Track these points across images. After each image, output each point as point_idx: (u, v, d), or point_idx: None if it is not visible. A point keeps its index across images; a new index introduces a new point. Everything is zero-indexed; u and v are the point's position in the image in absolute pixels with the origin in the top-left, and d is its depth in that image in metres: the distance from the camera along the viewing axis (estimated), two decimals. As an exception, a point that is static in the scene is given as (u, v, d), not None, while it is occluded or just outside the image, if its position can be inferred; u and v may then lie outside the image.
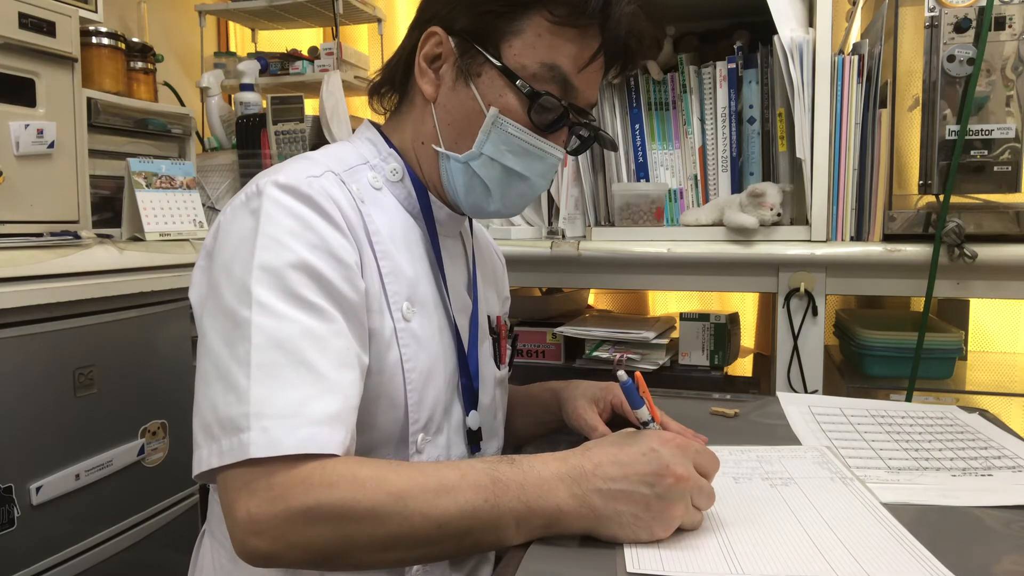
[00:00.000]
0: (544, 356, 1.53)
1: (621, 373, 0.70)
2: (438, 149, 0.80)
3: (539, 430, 1.04)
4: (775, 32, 1.28)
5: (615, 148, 0.89)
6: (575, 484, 0.61)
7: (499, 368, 0.92)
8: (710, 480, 0.64)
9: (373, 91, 0.87)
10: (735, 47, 1.39)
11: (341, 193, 0.74)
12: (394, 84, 0.85)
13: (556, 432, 1.00)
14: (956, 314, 1.63)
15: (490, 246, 1.05)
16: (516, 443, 1.06)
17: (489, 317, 0.93)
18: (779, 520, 0.65)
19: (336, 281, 0.68)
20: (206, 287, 0.72)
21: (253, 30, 2.29)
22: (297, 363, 0.63)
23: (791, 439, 0.89)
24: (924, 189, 1.22)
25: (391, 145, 0.84)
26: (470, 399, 0.84)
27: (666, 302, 2.05)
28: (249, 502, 0.59)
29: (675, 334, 1.51)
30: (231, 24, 2.36)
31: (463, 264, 0.90)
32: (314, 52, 2.06)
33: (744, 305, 1.94)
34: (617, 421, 0.90)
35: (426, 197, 0.83)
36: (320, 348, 0.65)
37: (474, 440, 0.84)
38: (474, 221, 0.99)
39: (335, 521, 0.59)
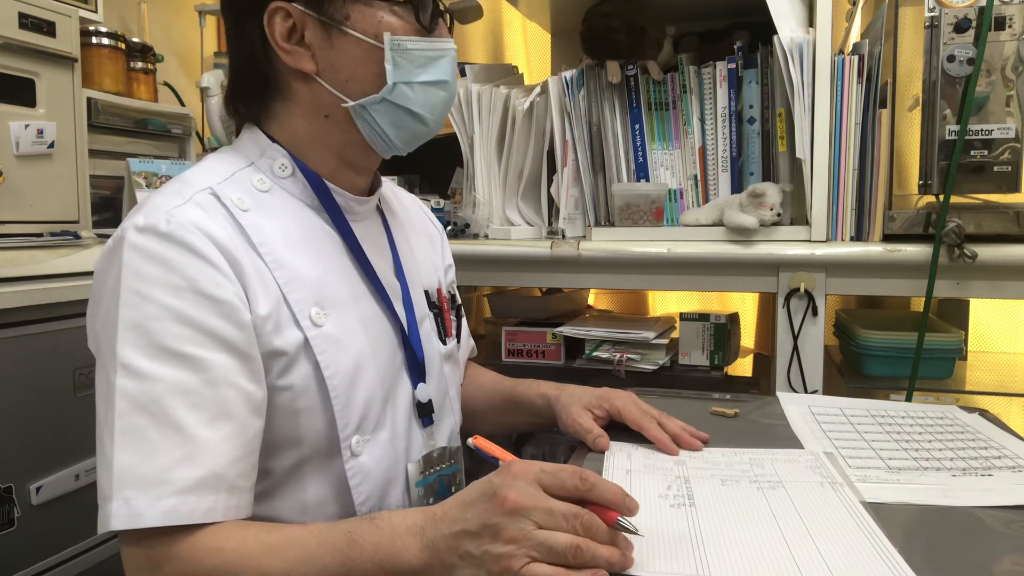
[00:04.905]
0: (544, 356, 1.53)
1: (469, 441, 0.73)
2: (351, 104, 0.76)
3: (531, 428, 1.05)
4: (775, 32, 1.28)
5: (480, 15, 0.88)
6: (424, 534, 0.59)
7: (444, 343, 0.90)
8: (580, 495, 0.58)
9: (234, 108, 0.82)
10: (735, 47, 1.39)
11: (214, 213, 0.70)
12: (255, 89, 0.79)
13: (557, 434, 1.00)
14: (956, 314, 1.63)
15: (420, 215, 1.01)
16: (511, 438, 1.07)
17: (428, 292, 0.91)
18: (758, 522, 0.65)
19: (209, 321, 0.65)
20: (93, 342, 0.70)
21: (253, 30, 2.29)
22: (163, 425, 0.62)
23: (791, 439, 0.89)
24: (924, 189, 1.22)
25: (275, 142, 0.79)
26: (416, 373, 0.83)
27: (666, 302, 2.05)
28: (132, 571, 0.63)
29: (675, 334, 1.51)
30: (231, 24, 2.36)
31: (385, 245, 0.87)
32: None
33: (744, 305, 1.94)
34: (617, 427, 0.90)
35: (322, 186, 0.79)
36: (190, 404, 0.63)
37: (425, 413, 0.84)
38: (396, 195, 0.97)
39: None
